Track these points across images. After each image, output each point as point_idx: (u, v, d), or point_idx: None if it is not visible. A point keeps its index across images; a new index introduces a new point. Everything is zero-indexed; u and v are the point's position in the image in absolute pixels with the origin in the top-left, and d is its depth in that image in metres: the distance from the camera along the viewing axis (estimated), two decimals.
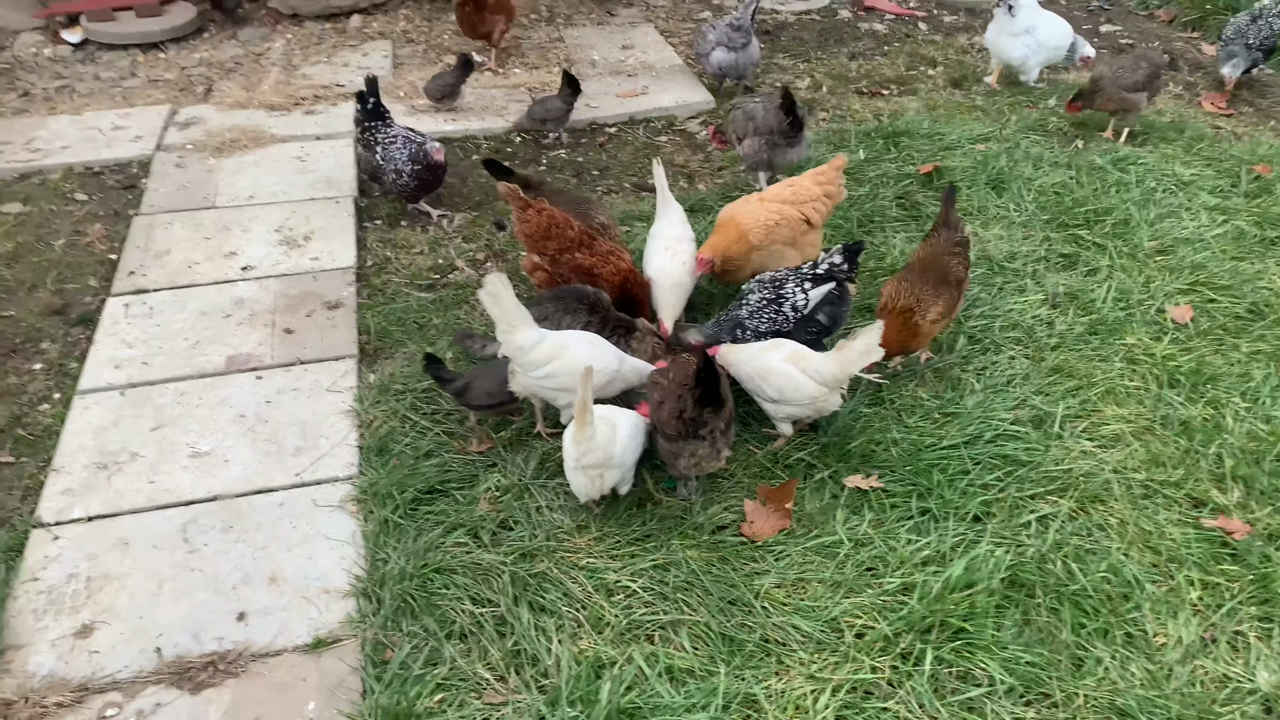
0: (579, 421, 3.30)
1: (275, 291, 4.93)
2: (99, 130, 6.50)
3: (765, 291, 4.17)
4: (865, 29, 8.50)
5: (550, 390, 3.77)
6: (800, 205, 4.63)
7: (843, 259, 4.15)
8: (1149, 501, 3.73)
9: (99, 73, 7.48)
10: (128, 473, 3.86)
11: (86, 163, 6.16)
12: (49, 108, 6.88)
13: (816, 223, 4.70)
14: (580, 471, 3.43)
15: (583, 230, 4.45)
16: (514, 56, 7.80)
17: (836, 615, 3.26)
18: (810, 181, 4.73)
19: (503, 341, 3.69)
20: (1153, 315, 4.72)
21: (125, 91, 7.15)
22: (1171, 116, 6.75)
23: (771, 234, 4.53)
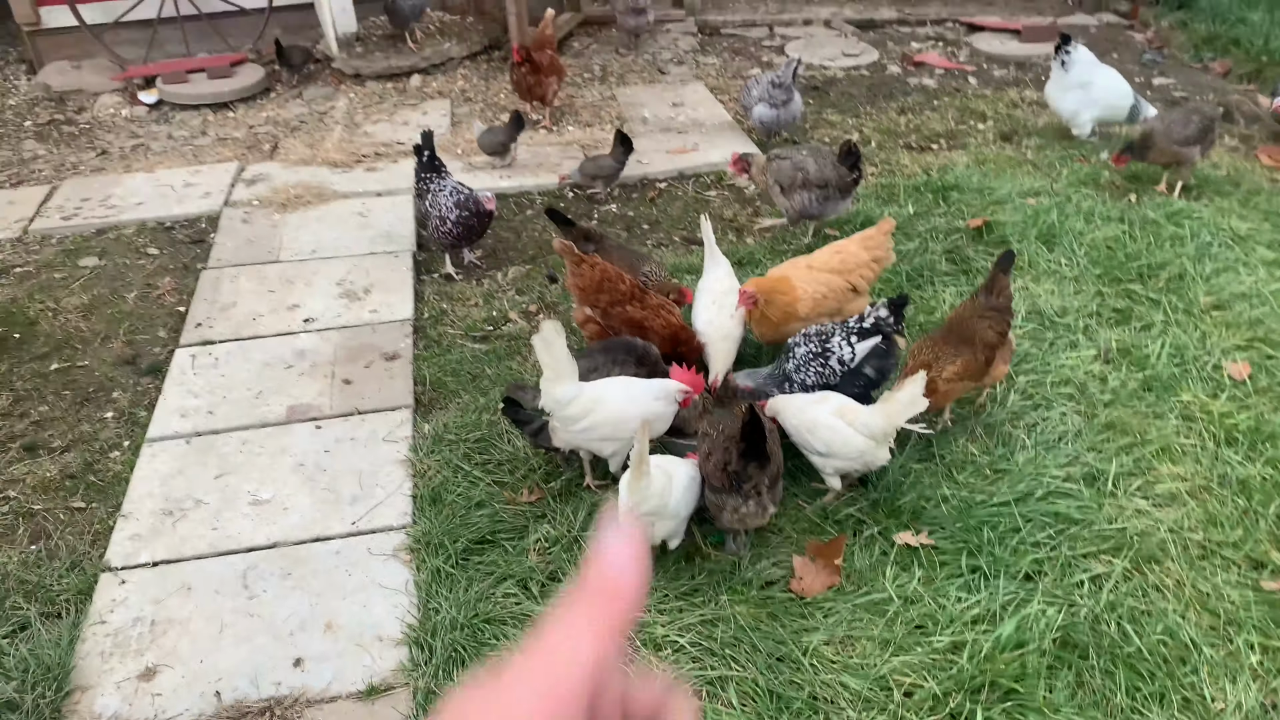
0: (635, 470, 3.33)
1: (335, 343, 5.08)
2: (171, 187, 6.79)
3: (811, 345, 4.20)
4: (914, 84, 8.58)
5: (595, 442, 3.83)
6: (847, 274, 4.63)
7: (889, 312, 4.17)
8: (1206, 562, 3.67)
9: (172, 132, 7.82)
10: (192, 519, 3.99)
11: (159, 218, 6.43)
12: (125, 166, 7.21)
13: (863, 290, 4.69)
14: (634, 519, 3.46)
15: (634, 284, 4.54)
16: (568, 114, 8.00)
17: (885, 673, 3.24)
18: (858, 247, 4.71)
19: (544, 391, 3.75)
20: (1209, 372, 4.66)
21: (196, 149, 7.47)
22: (1227, 170, 6.70)
23: (818, 307, 4.57)
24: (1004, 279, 4.23)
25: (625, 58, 9.27)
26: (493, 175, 6.87)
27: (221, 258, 5.92)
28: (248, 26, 8.92)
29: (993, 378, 4.27)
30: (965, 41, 9.60)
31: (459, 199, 5.48)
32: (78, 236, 6.25)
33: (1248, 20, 9.39)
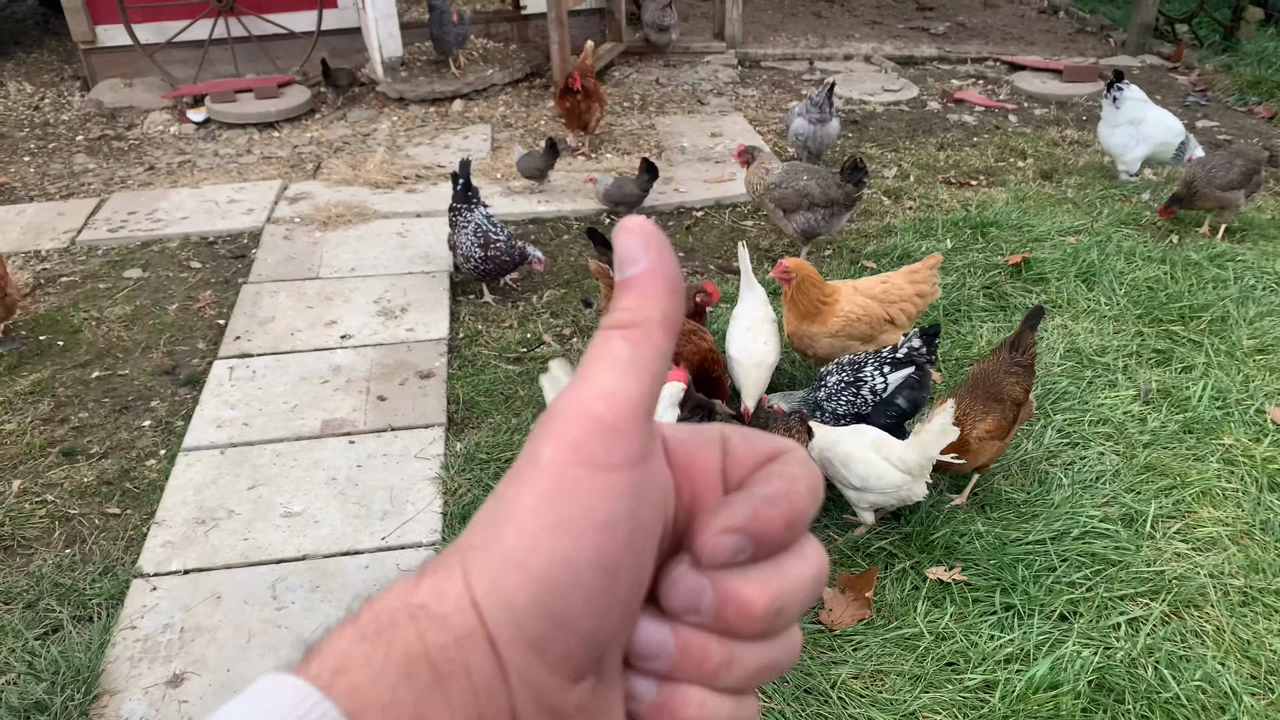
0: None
1: (371, 360, 5.13)
2: (215, 203, 6.91)
3: (844, 374, 4.18)
4: (954, 120, 8.58)
5: None
6: (889, 305, 4.63)
7: (921, 343, 4.15)
8: (1247, 609, 3.58)
9: (218, 149, 7.97)
10: (224, 529, 4.02)
11: (202, 233, 6.54)
12: (171, 181, 7.35)
13: (902, 323, 4.66)
14: None
15: None
16: (607, 142, 8.07)
17: (915, 710, 3.18)
18: (903, 280, 4.71)
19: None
20: (1252, 415, 4.58)
21: (241, 167, 7.60)
22: (1271, 213, 6.62)
23: (850, 327, 4.57)
24: (1030, 336, 4.08)
25: (665, 88, 9.35)
26: (531, 200, 6.93)
27: (262, 273, 6.01)
28: (296, 49, 9.10)
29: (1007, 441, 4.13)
30: (1006, 80, 9.59)
31: (481, 237, 5.49)
32: (123, 248, 6.36)
33: None
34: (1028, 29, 11.23)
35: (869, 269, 5.90)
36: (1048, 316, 5.40)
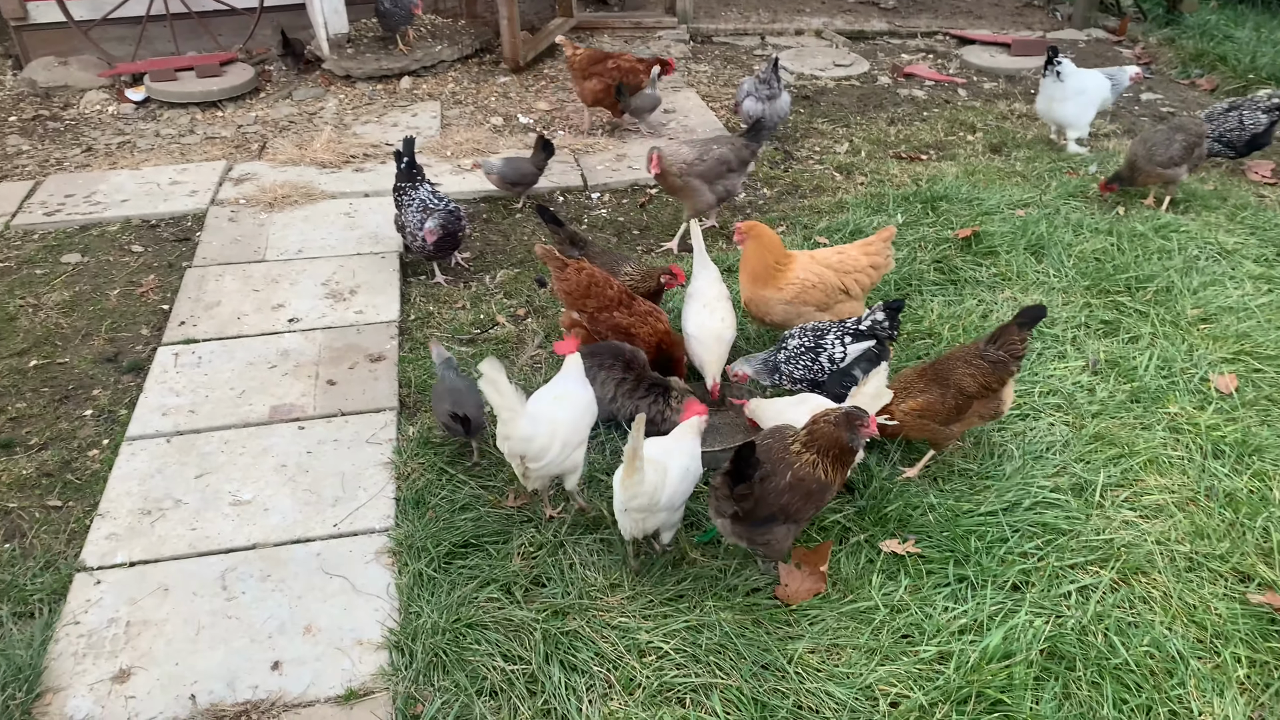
0: (628, 467, 3.29)
1: (320, 344, 5.03)
2: (157, 185, 6.73)
3: (805, 339, 4.21)
4: (904, 95, 8.60)
5: (569, 461, 3.72)
6: (843, 275, 4.65)
7: (885, 316, 4.16)
8: (1193, 575, 3.65)
9: (159, 129, 7.76)
10: (171, 519, 3.93)
11: (144, 215, 6.36)
12: (110, 163, 7.14)
13: (856, 294, 4.69)
14: (625, 514, 3.45)
15: (622, 290, 4.51)
16: (558, 119, 7.98)
17: (871, 683, 3.21)
18: (858, 252, 4.73)
19: (505, 436, 3.60)
20: (1196, 384, 4.67)
21: (183, 147, 7.41)
22: (1215, 184, 6.73)
23: (805, 294, 4.59)
24: (1014, 333, 3.97)
25: None
26: (481, 178, 6.83)
27: (207, 256, 5.86)
28: (238, 26, 8.87)
29: (963, 426, 4.07)
30: (955, 54, 9.64)
31: (422, 213, 5.41)
32: (60, 232, 6.17)
33: (1234, 37, 9.47)
34: (976, 2, 11.28)
35: (821, 244, 5.90)
36: (996, 290, 5.44)
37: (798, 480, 3.35)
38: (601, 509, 3.93)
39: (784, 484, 3.36)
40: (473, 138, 7.46)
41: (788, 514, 3.39)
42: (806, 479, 3.36)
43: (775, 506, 3.36)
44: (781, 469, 3.37)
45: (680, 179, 5.76)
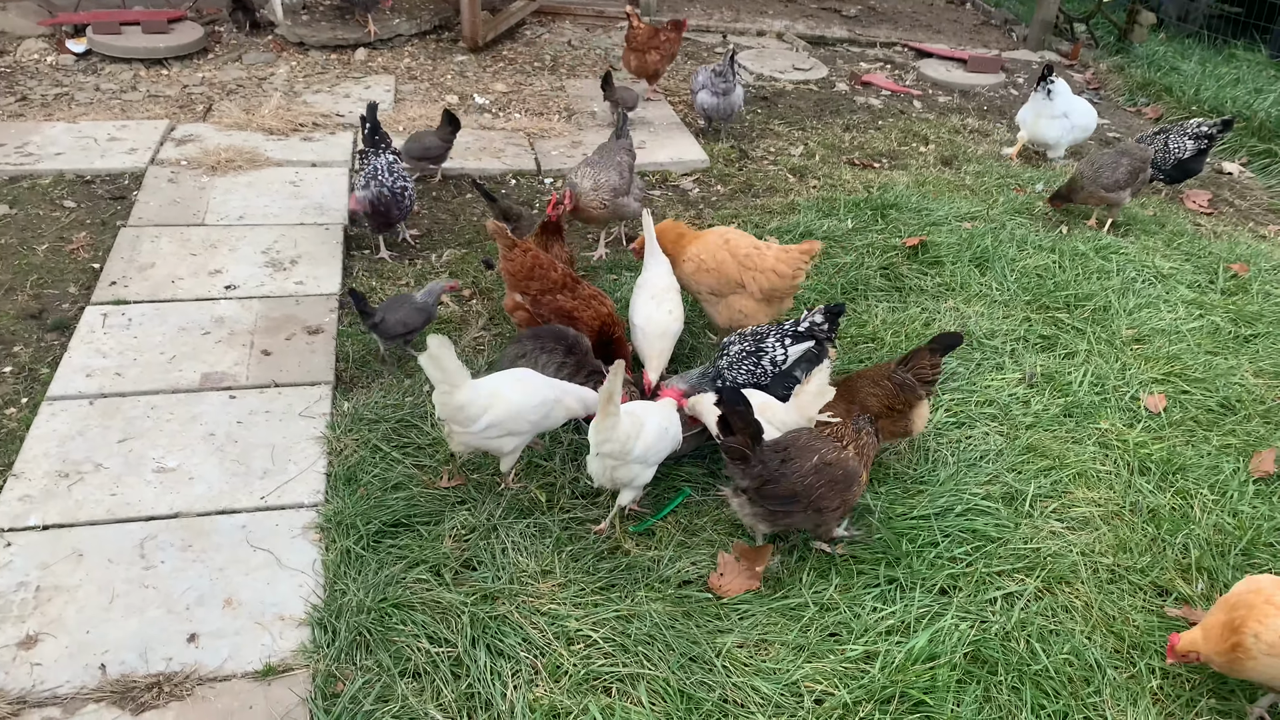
0: (602, 410, 3.38)
1: (257, 312, 4.90)
2: (94, 140, 6.50)
3: (745, 344, 4.21)
4: (861, 102, 8.68)
5: (495, 441, 3.71)
6: (745, 270, 4.58)
7: (824, 319, 4.19)
8: (1115, 586, 3.73)
9: (100, 84, 7.50)
10: (89, 483, 3.79)
11: (79, 170, 6.14)
12: (45, 114, 6.89)
13: (753, 291, 4.59)
14: (597, 458, 3.51)
15: (566, 273, 4.47)
16: (515, 102, 7.89)
17: (797, 679, 3.22)
18: (771, 253, 4.63)
19: (440, 403, 3.61)
20: (1127, 402, 4.77)
21: (124, 104, 7.17)
22: (1154, 210, 6.90)
23: (698, 274, 4.68)
24: (927, 358, 4.01)
25: (578, 50, 9.20)
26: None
27: (143, 216, 5.68)
28: None
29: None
30: (913, 66, 9.75)
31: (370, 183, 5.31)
32: None
33: (1180, 69, 9.73)
34: (935, 17, 11.43)
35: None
36: (940, 299, 5.51)
37: (824, 464, 3.44)
38: (535, 493, 3.89)
39: (809, 467, 3.43)
40: (426, 114, 7.34)
41: (812, 500, 3.45)
42: (834, 464, 3.45)
43: (797, 488, 3.41)
44: (807, 453, 3.45)
45: (612, 203, 5.42)
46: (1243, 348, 5.30)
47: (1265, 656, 2.99)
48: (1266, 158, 8.06)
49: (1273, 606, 3.02)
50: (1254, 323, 5.51)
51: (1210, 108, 8.74)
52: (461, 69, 8.44)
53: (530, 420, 3.72)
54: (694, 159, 7.09)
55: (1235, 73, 9.63)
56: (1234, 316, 5.55)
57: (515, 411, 3.66)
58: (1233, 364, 5.12)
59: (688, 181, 6.89)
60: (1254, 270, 6.04)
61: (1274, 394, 4.91)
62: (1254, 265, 6.10)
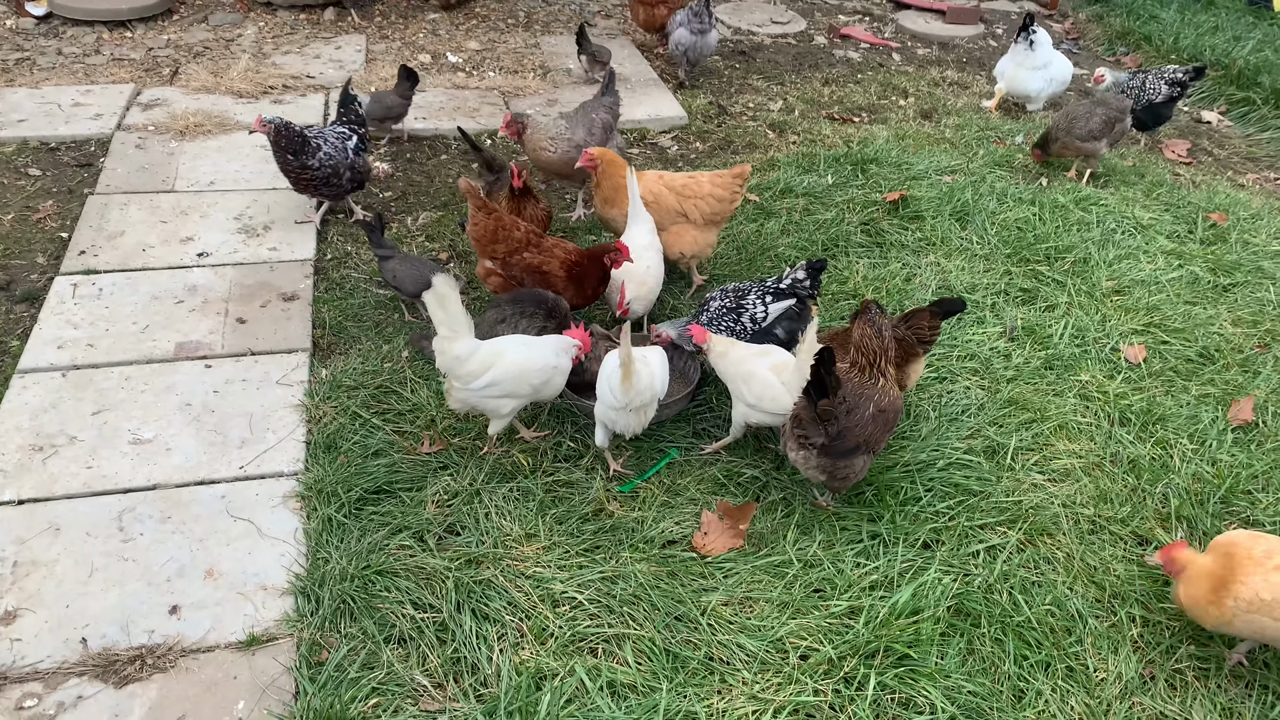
0: (626, 373, 3.46)
1: (230, 280, 4.83)
2: (58, 105, 6.36)
3: (726, 300, 4.19)
4: (840, 56, 8.58)
5: (493, 400, 3.70)
6: (684, 199, 4.76)
7: (806, 275, 4.15)
8: (1095, 537, 3.76)
9: (62, 48, 7.32)
10: (64, 456, 3.74)
11: (43, 137, 6.01)
12: (6, 80, 6.72)
13: (695, 219, 4.79)
14: (631, 413, 3.62)
15: (529, 230, 4.42)
16: (489, 60, 7.76)
17: (782, 635, 3.23)
18: (706, 179, 4.84)
19: (439, 350, 3.60)
20: (1107, 354, 4.78)
21: (88, 68, 7.01)
22: (1133, 160, 6.88)
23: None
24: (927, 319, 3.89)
25: (551, 6, 9.04)
26: (409, 118, 6.61)
27: (111, 183, 5.57)
28: None
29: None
30: (891, 18, 9.64)
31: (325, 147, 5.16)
32: None
33: (1159, 18, 9.66)
34: None
35: (751, 201, 5.88)
36: (920, 254, 5.49)
37: (879, 411, 3.48)
38: (518, 457, 3.87)
39: (868, 415, 3.46)
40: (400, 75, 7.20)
41: (870, 445, 3.51)
42: (888, 409, 3.51)
43: (861, 438, 3.46)
44: (864, 401, 3.47)
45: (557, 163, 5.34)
46: (1221, 297, 5.31)
47: (1245, 614, 3.02)
48: (1245, 105, 8.04)
49: (1252, 562, 3.04)
50: (1232, 272, 5.52)
51: (1189, 56, 8.70)
52: (434, 27, 8.28)
53: (531, 384, 3.69)
54: (672, 115, 7.01)
55: (1214, 20, 9.58)
56: (1213, 266, 5.56)
57: (518, 372, 3.65)
58: (1211, 314, 5.13)
59: (666, 139, 6.81)
60: (1232, 219, 6.04)
61: (1252, 343, 4.93)
62: (1232, 214, 6.10)
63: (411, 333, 4.51)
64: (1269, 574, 2.99)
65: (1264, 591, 2.98)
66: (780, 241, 5.47)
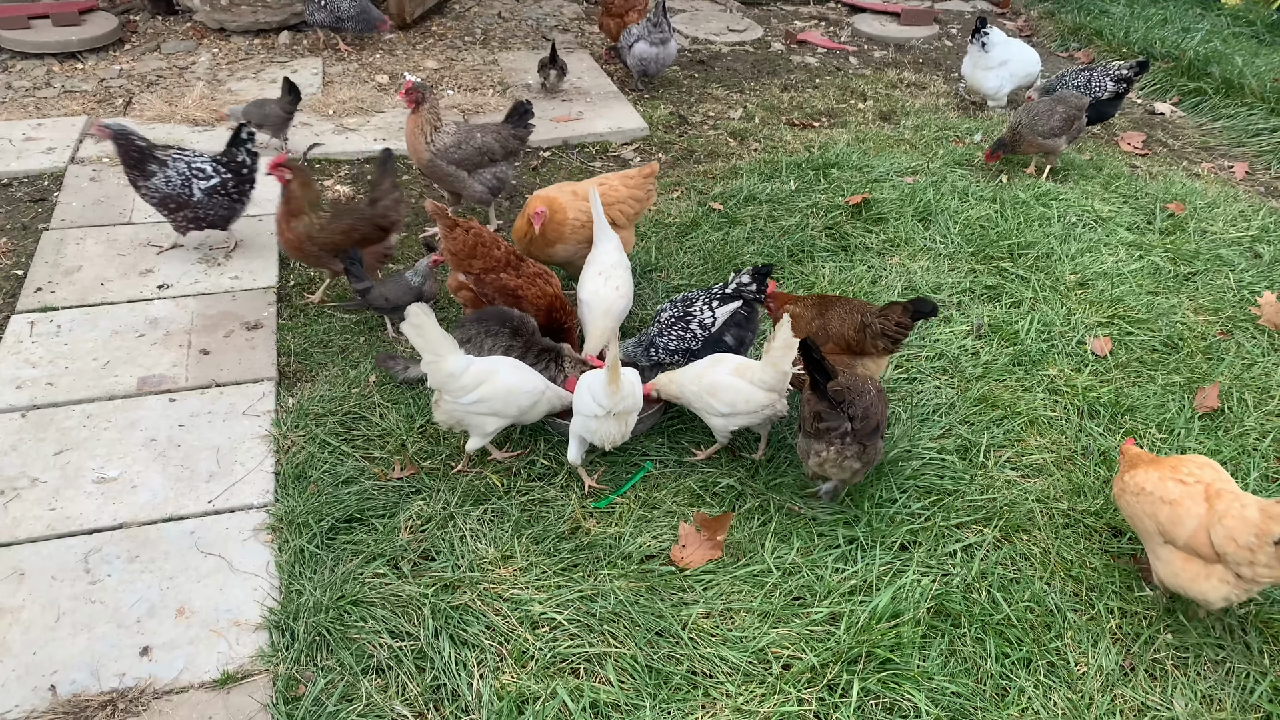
0: (612, 375, 3.49)
1: (192, 311, 4.76)
2: (9, 140, 6.26)
3: (674, 310, 4.22)
4: (797, 61, 8.63)
5: (479, 416, 3.69)
6: (609, 206, 4.78)
7: (751, 279, 4.16)
8: (1070, 531, 3.78)
9: (11, 81, 7.21)
10: (26, 499, 3.66)
11: None
12: None
13: (623, 224, 4.88)
14: (613, 419, 3.63)
15: (509, 250, 4.39)
16: (448, 78, 7.73)
17: (764, 646, 3.22)
18: (618, 181, 4.91)
19: (430, 370, 3.61)
20: (1074, 347, 4.82)
21: (39, 101, 6.91)
22: (1090, 154, 6.96)
23: (576, 233, 4.77)
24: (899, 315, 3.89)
25: (508, 22, 9.03)
26: (365, 138, 6.57)
27: (66, 218, 5.48)
28: None
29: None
30: (847, 22, 9.72)
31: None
32: None
33: (1110, 12, 9.81)
34: None
35: (715, 210, 5.89)
36: (885, 256, 5.52)
37: (878, 390, 3.61)
38: (491, 478, 3.84)
39: (874, 395, 3.56)
40: (356, 96, 7.17)
41: (882, 424, 3.60)
42: (879, 386, 3.68)
43: (878, 418, 3.54)
44: (863, 385, 3.57)
45: (425, 163, 5.32)
46: (1182, 286, 5.38)
47: (1128, 494, 3.39)
48: (1196, 96, 8.16)
49: (1143, 462, 3.41)
50: (1192, 260, 5.59)
51: (1140, 49, 8.83)
52: (390, 47, 8.25)
53: (519, 405, 3.74)
54: (633, 127, 7.00)
55: (1163, 13, 9.73)
56: (1173, 255, 5.62)
57: (507, 391, 3.69)
58: (1174, 303, 5.19)
59: (628, 151, 6.81)
60: (1189, 208, 6.12)
61: (1214, 330, 4.99)
62: (1189, 204, 6.18)
63: (377, 354, 4.46)
64: (1148, 469, 3.37)
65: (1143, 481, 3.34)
66: (746, 249, 5.48)
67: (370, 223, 4.80)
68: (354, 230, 4.75)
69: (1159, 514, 3.23)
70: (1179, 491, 3.21)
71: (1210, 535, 3.10)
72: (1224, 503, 3.12)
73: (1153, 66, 8.42)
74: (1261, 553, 3.01)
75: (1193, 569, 3.18)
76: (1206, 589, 3.15)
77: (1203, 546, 3.12)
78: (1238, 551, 3.04)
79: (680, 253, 5.46)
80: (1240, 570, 3.07)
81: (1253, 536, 3.01)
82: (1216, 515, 3.10)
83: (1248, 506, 3.07)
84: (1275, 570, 3.02)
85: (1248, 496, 3.14)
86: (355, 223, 4.76)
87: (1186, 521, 3.15)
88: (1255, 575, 3.05)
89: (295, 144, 6.39)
